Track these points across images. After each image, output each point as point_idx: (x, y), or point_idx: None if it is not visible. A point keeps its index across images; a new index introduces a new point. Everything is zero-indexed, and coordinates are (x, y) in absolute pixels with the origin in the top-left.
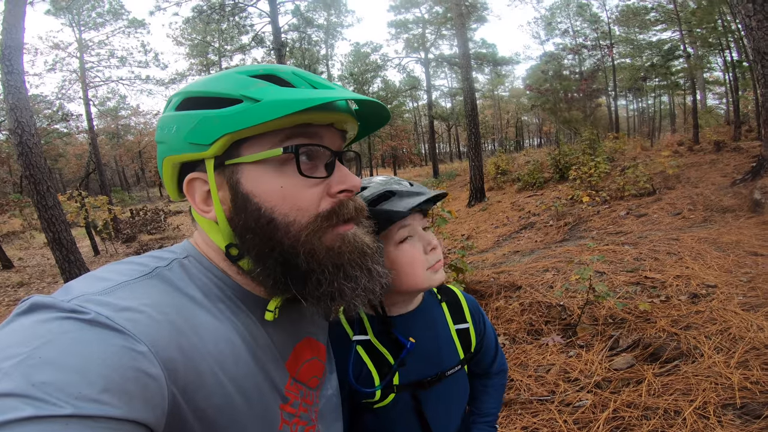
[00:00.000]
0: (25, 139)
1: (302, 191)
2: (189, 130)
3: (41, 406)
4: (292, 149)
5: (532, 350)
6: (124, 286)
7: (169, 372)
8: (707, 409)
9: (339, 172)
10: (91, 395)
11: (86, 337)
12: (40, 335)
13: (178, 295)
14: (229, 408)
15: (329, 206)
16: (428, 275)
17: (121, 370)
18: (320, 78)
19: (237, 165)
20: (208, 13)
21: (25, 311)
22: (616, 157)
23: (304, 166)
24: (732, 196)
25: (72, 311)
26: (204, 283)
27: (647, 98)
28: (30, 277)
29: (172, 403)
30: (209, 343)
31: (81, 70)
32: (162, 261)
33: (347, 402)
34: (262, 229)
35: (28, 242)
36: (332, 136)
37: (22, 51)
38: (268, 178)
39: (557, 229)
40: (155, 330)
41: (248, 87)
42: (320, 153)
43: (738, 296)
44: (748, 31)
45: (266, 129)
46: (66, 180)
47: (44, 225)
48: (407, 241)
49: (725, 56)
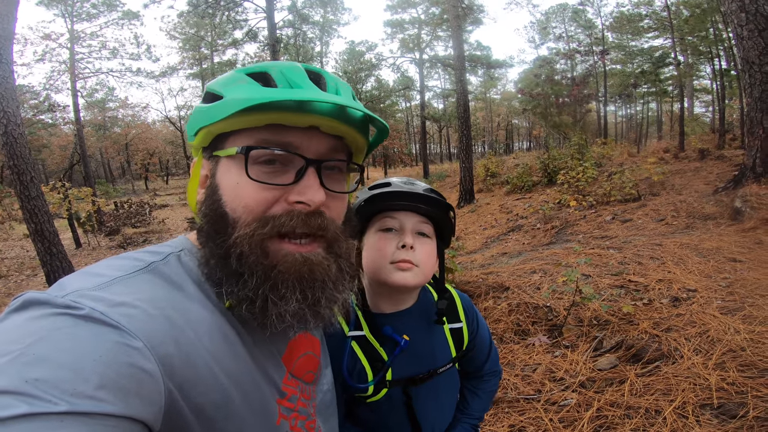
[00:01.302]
0: (11, 129)
1: (253, 192)
2: (190, 122)
3: (36, 403)
4: (242, 150)
5: (519, 350)
6: (119, 281)
7: (165, 368)
8: (686, 408)
9: (303, 182)
10: (87, 392)
11: (81, 332)
12: (34, 332)
13: (173, 290)
14: (226, 403)
15: (280, 212)
16: (389, 269)
17: (117, 366)
18: (304, 79)
19: (218, 157)
20: (203, 7)
21: (18, 308)
22: (604, 162)
23: (259, 170)
24: (714, 204)
25: (66, 307)
26: (199, 276)
27: (636, 104)
28: (8, 270)
29: (168, 399)
30: (205, 337)
31: (71, 61)
32: (158, 255)
33: (341, 395)
34: (216, 220)
35: (7, 233)
36: (316, 141)
37: (13, 41)
38: (231, 173)
39: (544, 232)
40: (151, 325)
41: (232, 84)
42: (290, 159)
43: (717, 300)
44: (739, 40)
45: (238, 125)
46: (49, 171)
47: (26, 216)
48: (387, 232)
49: (714, 65)
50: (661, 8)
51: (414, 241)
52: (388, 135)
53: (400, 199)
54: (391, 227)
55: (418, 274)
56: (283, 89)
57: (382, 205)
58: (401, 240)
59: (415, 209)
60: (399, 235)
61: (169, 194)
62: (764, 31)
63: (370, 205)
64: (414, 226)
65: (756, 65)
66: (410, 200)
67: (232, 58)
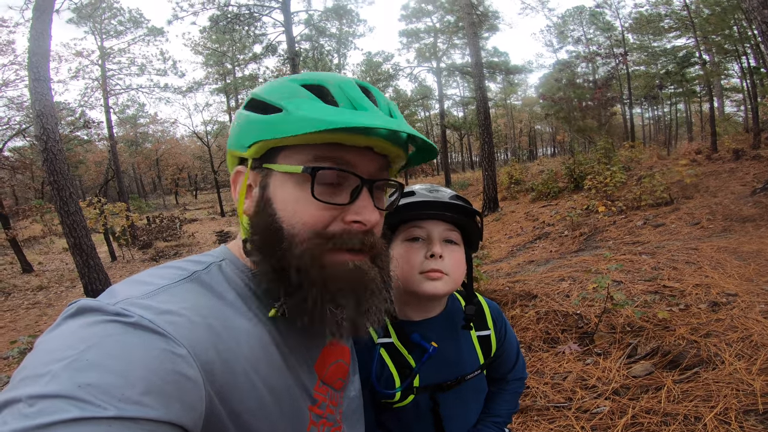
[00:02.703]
0: (50, 146)
1: (314, 210)
2: (239, 130)
3: (86, 408)
4: (309, 171)
5: (548, 358)
6: (165, 289)
7: (206, 374)
8: (728, 415)
9: (359, 203)
10: (133, 397)
11: (130, 340)
12: (87, 338)
13: (215, 298)
14: (261, 409)
15: (337, 230)
16: (418, 279)
17: (162, 372)
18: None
19: (270, 170)
20: (223, 23)
21: (73, 314)
22: (632, 166)
23: (322, 190)
24: (752, 206)
25: (116, 314)
26: (239, 285)
27: (663, 106)
28: (49, 281)
29: (209, 405)
30: (244, 345)
31: (102, 78)
32: (200, 265)
33: (369, 402)
34: (271, 235)
35: (48, 247)
36: (368, 160)
37: (49, 59)
38: (288, 189)
39: (572, 239)
40: (194, 333)
41: (291, 97)
42: (346, 177)
43: (760, 304)
44: (765, 38)
45: (299, 141)
46: (85, 187)
47: (66, 230)
48: (414, 242)
49: (742, 63)
50: (680, 7)
51: (442, 250)
52: (436, 155)
53: (426, 209)
54: (417, 236)
55: (448, 282)
56: (349, 110)
57: (408, 214)
58: (429, 249)
59: (441, 217)
60: (426, 245)
61: (198, 208)
62: None
63: (396, 216)
64: (441, 234)
65: None
66: (436, 209)
67: (254, 73)
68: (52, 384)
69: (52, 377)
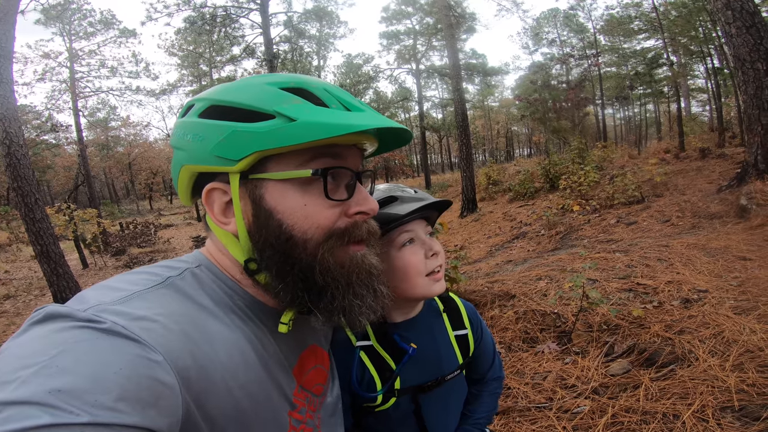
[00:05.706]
0: (13, 150)
1: (324, 211)
2: (217, 143)
3: (58, 414)
4: (320, 172)
5: (528, 358)
6: (138, 295)
7: (183, 380)
8: (706, 412)
9: (359, 195)
10: (107, 403)
11: (102, 345)
12: (57, 344)
13: (190, 304)
14: (239, 416)
15: (344, 225)
16: (426, 283)
17: (137, 378)
18: (350, 97)
19: (261, 180)
20: (199, 24)
21: (40, 320)
22: (605, 165)
23: (329, 188)
24: (719, 203)
25: (88, 320)
26: (215, 292)
27: (633, 107)
28: (17, 290)
29: (186, 410)
30: (221, 352)
31: (71, 80)
32: (174, 270)
33: (348, 406)
34: (282, 246)
35: (15, 255)
36: (354, 156)
37: (12, 60)
38: (292, 195)
39: (549, 239)
40: (169, 339)
41: (281, 102)
42: (343, 174)
43: (729, 300)
44: (728, 38)
45: (295, 147)
46: (54, 192)
47: (32, 238)
48: (408, 246)
49: (707, 64)
50: (649, 9)
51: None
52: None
53: (419, 211)
54: (408, 240)
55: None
56: (342, 111)
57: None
58: (429, 249)
59: (425, 216)
60: (420, 246)
61: (174, 213)
62: (752, 28)
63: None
64: (425, 231)
65: (748, 62)
66: (427, 209)
67: (231, 75)
68: (21, 390)
69: (20, 383)
